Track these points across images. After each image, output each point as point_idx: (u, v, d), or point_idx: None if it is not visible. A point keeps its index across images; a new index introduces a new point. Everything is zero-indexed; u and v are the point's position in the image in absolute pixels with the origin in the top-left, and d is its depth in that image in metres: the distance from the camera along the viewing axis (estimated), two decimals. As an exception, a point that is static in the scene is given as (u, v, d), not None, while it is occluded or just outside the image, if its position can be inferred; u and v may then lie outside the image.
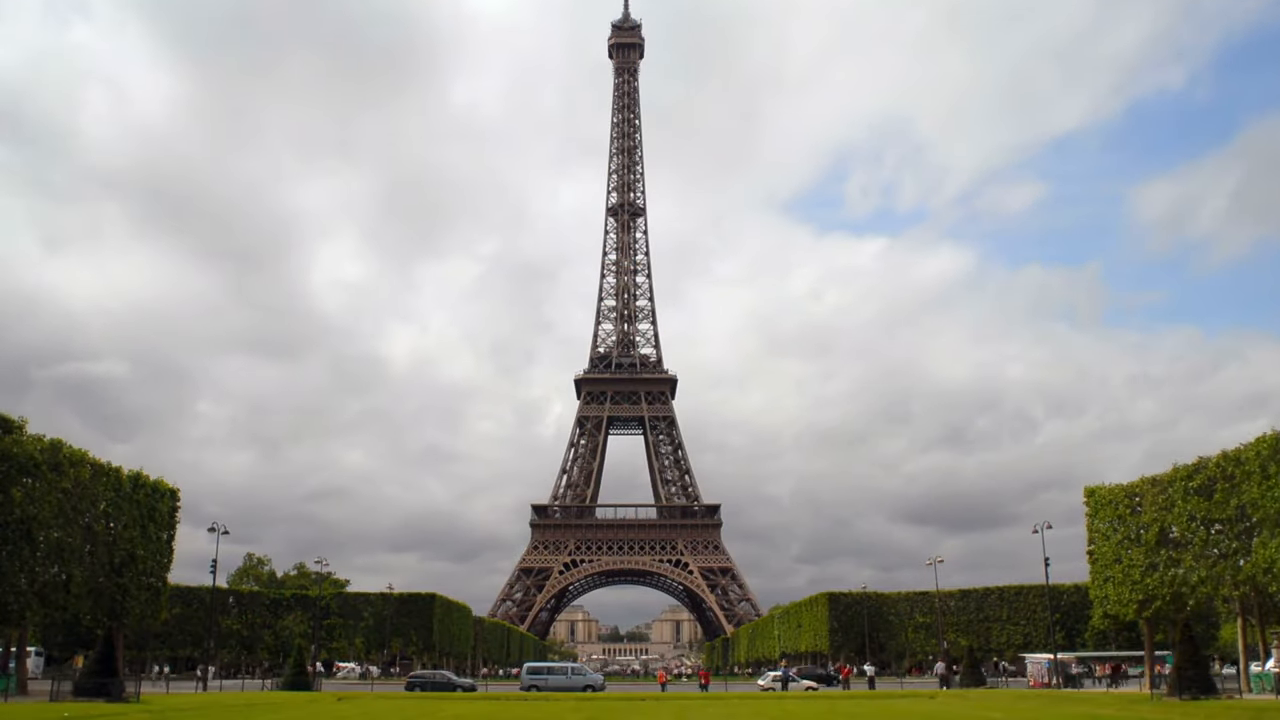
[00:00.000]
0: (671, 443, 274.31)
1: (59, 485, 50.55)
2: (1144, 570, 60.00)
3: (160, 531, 63.28)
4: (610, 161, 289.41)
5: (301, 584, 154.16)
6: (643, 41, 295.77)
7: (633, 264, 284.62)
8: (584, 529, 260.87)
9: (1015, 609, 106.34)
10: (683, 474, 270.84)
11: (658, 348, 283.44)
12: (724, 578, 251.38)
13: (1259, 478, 49.78)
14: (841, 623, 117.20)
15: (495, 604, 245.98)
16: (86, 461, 54.46)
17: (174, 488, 65.32)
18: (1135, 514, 61.62)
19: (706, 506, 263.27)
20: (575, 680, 76.15)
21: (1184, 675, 44.47)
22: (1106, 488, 65.26)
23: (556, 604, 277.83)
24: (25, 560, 47.60)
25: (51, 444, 50.87)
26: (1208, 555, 54.93)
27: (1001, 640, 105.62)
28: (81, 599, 53.63)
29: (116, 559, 57.34)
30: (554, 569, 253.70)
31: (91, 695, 45.49)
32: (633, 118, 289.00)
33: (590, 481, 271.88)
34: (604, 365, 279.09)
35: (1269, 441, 49.78)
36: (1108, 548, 64.32)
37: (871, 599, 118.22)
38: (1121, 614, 63.49)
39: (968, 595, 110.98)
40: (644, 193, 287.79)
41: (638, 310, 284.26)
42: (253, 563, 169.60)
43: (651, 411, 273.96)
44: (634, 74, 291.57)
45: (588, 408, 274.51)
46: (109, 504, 56.82)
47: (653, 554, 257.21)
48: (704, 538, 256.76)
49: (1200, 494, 54.82)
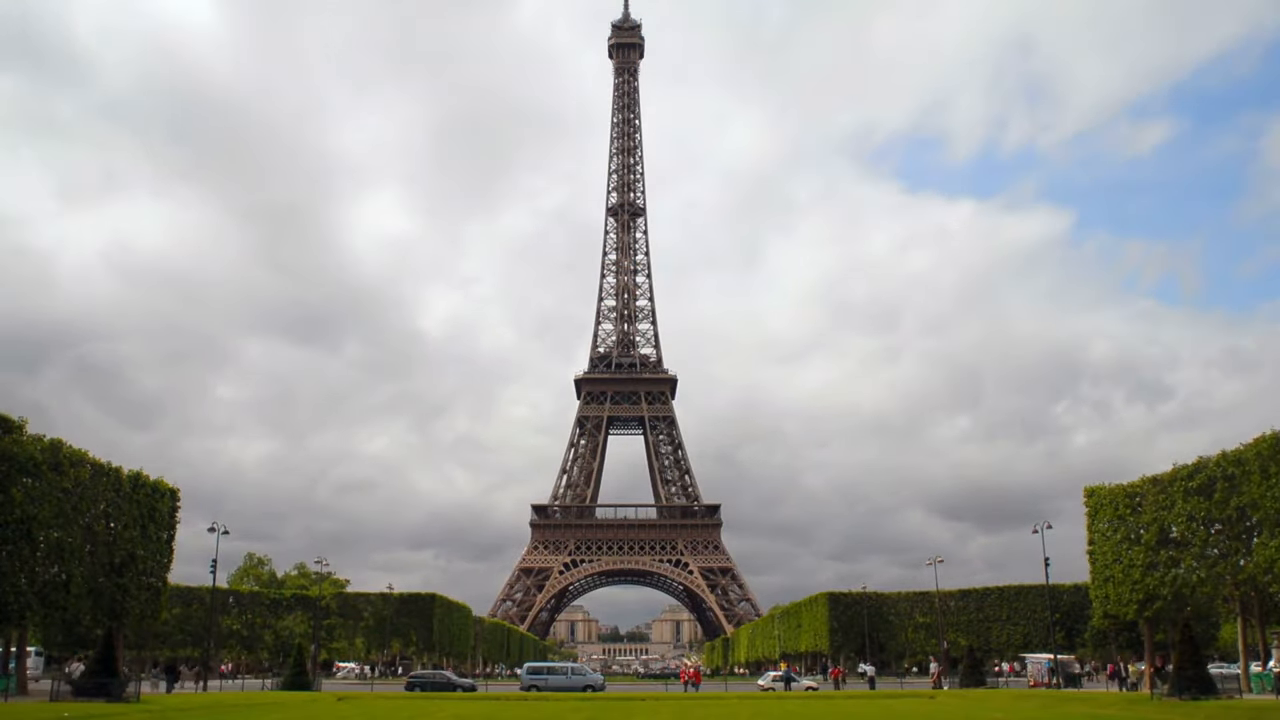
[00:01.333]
0: (671, 443, 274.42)
1: (59, 485, 50.54)
2: (1144, 570, 60.04)
3: (160, 531, 63.31)
4: (610, 161, 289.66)
5: (301, 584, 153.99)
6: (643, 41, 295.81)
7: (633, 264, 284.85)
8: (584, 529, 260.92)
9: (1015, 609, 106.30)
10: (683, 474, 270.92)
11: (658, 348, 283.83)
12: (724, 578, 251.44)
13: (1259, 478, 49.81)
14: (841, 623, 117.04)
15: (495, 604, 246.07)
16: (86, 461, 54.46)
17: (174, 488, 65.33)
18: (1135, 514, 61.67)
19: (706, 506, 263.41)
20: (575, 680, 76.09)
21: (1184, 675, 44.39)
22: (1107, 488, 65.35)
23: (556, 604, 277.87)
24: (25, 560, 47.54)
25: (51, 444, 50.84)
26: (1208, 555, 54.97)
27: (1001, 640, 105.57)
28: (81, 599, 53.58)
29: (116, 559, 57.33)
30: (554, 569, 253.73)
31: (91, 695, 45.45)
32: (633, 117, 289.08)
33: (590, 481, 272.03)
34: (604, 365, 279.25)
35: (1269, 441, 49.83)
36: (1108, 548, 64.37)
37: (871, 599, 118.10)
38: (1121, 614, 63.52)
39: (968, 595, 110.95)
40: (644, 192, 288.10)
41: (638, 310, 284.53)
42: (253, 562, 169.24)
43: (651, 411, 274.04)
44: (634, 74, 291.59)
45: (588, 408, 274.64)
46: (109, 504, 56.82)
47: (653, 554, 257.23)
48: (704, 538, 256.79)
49: (1200, 494, 54.85)
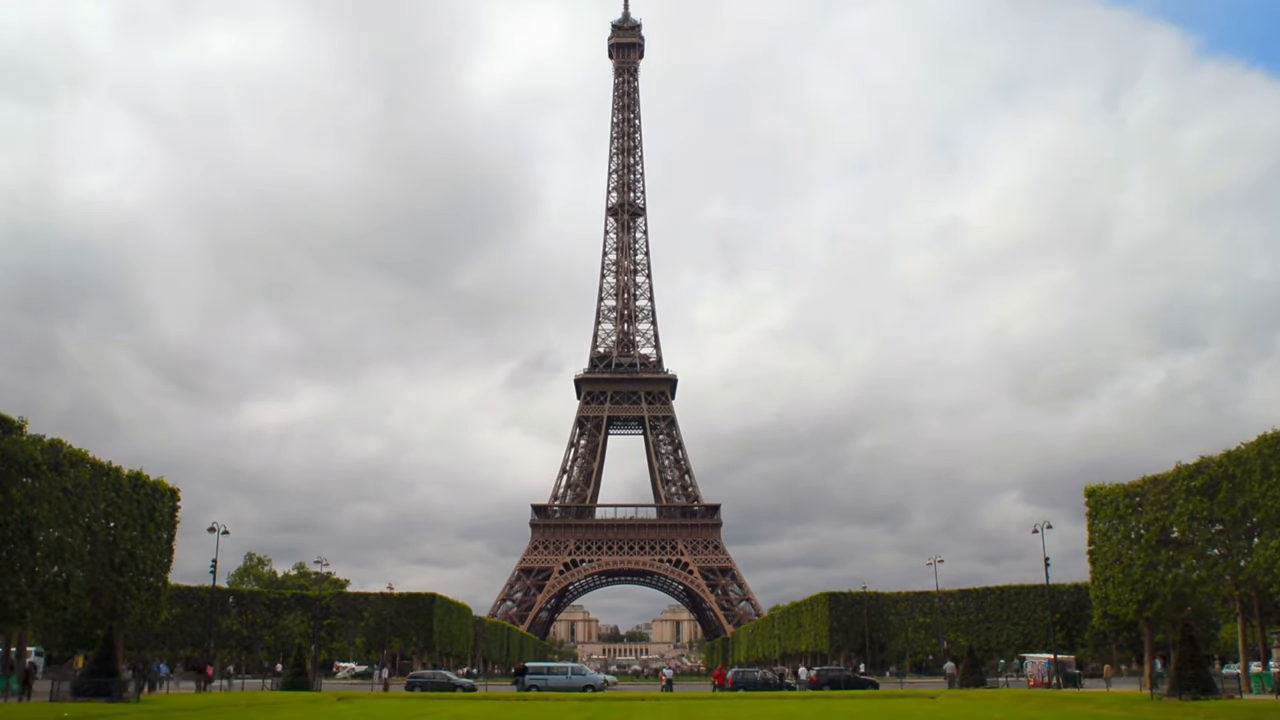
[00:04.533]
0: (671, 442, 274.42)
1: (59, 485, 50.51)
2: (1144, 570, 59.99)
3: (160, 531, 63.32)
4: (610, 161, 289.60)
5: (301, 584, 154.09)
6: (642, 41, 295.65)
7: (633, 264, 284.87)
8: (584, 529, 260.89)
9: (1015, 609, 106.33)
10: (683, 474, 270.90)
11: (658, 348, 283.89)
12: (724, 578, 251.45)
13: (1260, 477, 49.77)
14: (841, 623, 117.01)
15: (495, 604, 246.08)
16: (86, 461, 54.47)
17: (174, 488, 65.43)
18: (1136, 514, 61.62)
19: (706, 506, 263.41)
20: (575, 680, 76.05)
21: (1184, 675, 44.35)
22: (1107, 487, 65.25)
23: (556, 604, 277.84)
24: (25, 560, 47.50)
25: (51, 444, 50.81)
26: (1208, 555, 54.93)
27: (1001, 640, 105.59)
28: (81, 599, 53.59)
29: (116, 559, 57.31)
30: (554, 569, 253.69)
31: (91, 695, 45.43)
32: (633, 117, 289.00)
33: (590, 481, 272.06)
34: (604, 365, 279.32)
35: (1270, 441, 49.78)
36: (1108, 548, 64.31)
37: (871, 599, 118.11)
38: (1122, 614, 63.46)
39: (968, 595, 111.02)
40: (644, 192, 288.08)
41: (638, 310, 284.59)
42: (253, 562, 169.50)
43: (651, 411, 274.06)
44: (634, 74, 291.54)
45: (587, 408, 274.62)
46: (109, 504, 56.81)
47: (653, 554, 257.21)
48: (704, 537, 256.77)
49: (1201, 494, 54.80)
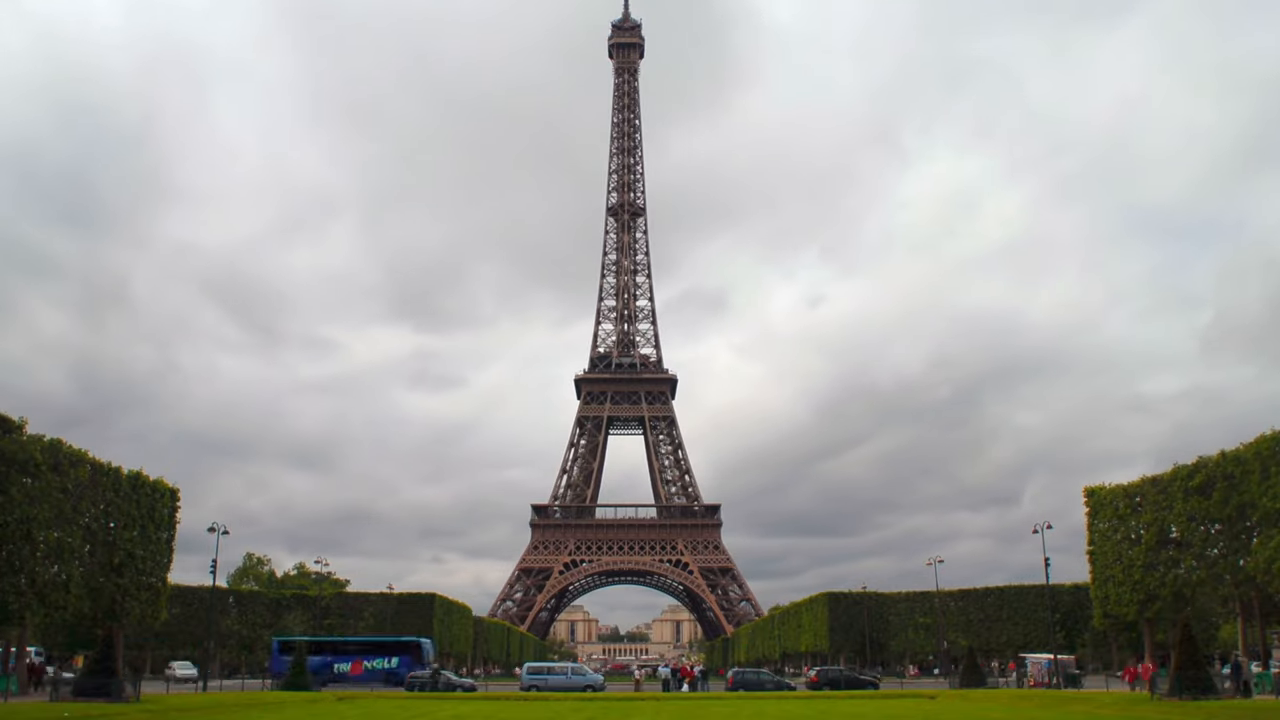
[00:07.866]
0: (671, 442, 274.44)
1: (58, 485, 50.55)
2: (1144, 570, 60.03)
3: (160, 531, 63.39)
4: (610, 161, 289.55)
5: (301, 584, 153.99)
6: (643, 41, 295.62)
7: (633, 264, 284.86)
8: (584, 529, 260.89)
9: (1015, 609, 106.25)
10: (683, 474, 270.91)
11: (658, 348, 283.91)
12: (724, 578, 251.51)
13: (1258, 477, 49.80)
14: (841, 623, 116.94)
15: (495, 604, 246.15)
16: (86, 461, 54.53)
17: (174, 487, 65.49)
18: (1135, 514, 61.66)
19: (706, 506, 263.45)
20: (575, 680, 76.04)
21: (1184, 675, 44.33)
22: (1107, 488, 65.32)
23: (557, 604, 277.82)
24: (25, 560, 47.56)
25: (51, 444, 50.85)
26: (1208, 555, 54.96)
27: (1001, 640, 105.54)
28: (81, 599, 53.62)
29: (116, 559, 57.35)
30: (554, 569, 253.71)
31: (91, 695, 45.41)
32: (633, 118, 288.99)
33: (590, 481, 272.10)
34: (604, 365, 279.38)
35: (1269, 441, 49.82)
36: (1108, 548, 64.34)
37: (871, 599, 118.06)
38: (1122, 614, 63.52)
39: (968, 595, 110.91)
40: (644, 192, 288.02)
41: (638, 310, 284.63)
42: (253, 562, 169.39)
43: (651, 411, 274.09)
44: (634, 74, 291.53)
45: (587, 408, 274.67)
46: (108, 504, 56.86)
47: (653, 554, 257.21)
48: (704, 537, 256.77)
49: (1200, 494, 54.84)
